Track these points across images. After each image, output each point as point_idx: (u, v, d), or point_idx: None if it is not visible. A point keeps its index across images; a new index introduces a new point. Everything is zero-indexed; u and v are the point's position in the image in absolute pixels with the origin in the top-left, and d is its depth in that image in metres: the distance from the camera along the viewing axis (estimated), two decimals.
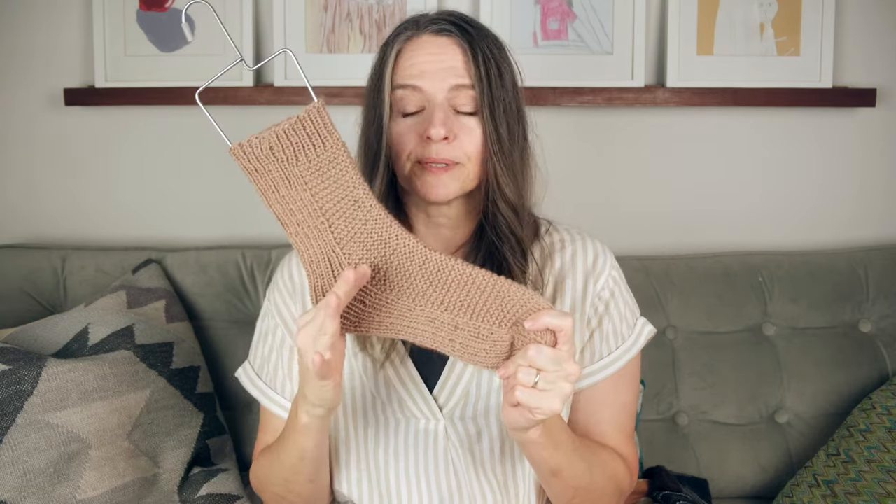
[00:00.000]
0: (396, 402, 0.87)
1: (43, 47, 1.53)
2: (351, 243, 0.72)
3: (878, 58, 1.50)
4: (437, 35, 0.84)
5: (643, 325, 0.93)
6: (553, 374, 0.66)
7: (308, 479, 0.85)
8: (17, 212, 1.58)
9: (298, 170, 0.70)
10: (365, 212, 0.71)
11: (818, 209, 1.55)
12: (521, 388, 0.67)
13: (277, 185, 0.71)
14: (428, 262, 0.71)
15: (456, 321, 0.71)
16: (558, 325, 0.67)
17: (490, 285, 0.70)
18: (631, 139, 1.53)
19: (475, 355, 0.71)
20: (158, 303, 1.31)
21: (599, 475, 0.84)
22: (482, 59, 0.82)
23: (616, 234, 1.01)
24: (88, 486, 1.05)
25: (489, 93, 0.82)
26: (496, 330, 0.70)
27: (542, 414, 0.67)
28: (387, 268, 0.72)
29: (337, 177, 0.70)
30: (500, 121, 0.83)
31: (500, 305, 0.70)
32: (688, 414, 1.36)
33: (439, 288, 0.71)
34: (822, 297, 1.39)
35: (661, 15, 1.50)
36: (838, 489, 1.19)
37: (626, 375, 0.91)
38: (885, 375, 1.34)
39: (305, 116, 0.69)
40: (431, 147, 0.81)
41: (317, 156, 0.70)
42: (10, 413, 1.02)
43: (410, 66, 0.83)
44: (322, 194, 0.71)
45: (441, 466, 0.87)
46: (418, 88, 0.83)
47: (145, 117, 1.54)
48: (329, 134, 0.69)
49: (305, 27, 1.49)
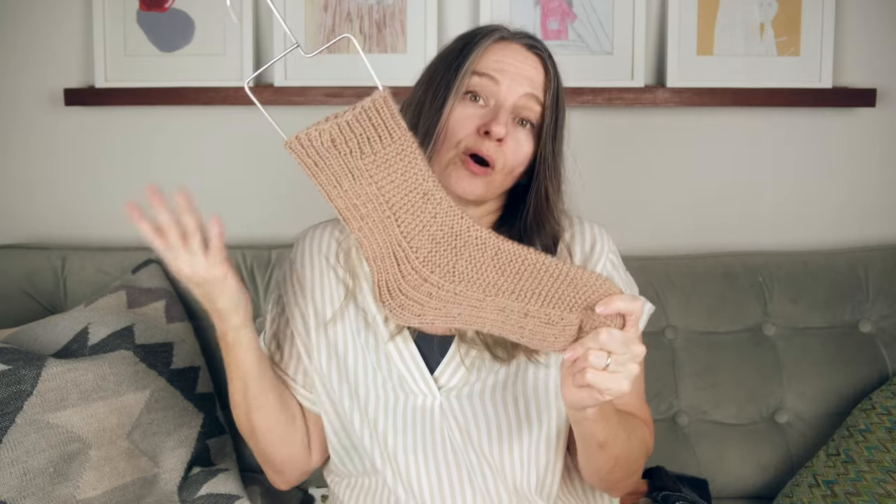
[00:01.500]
0: (397, 376, 0.90)
1: (43, 47, 1.53)
2: (419, 237, 0.70)
3: (878, 58, 1.50)
4: (528, 49, 0.88)
5: (643, 302, 0.96)
6: (623, 357, 0.69)
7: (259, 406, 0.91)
8: (17, 212, 1.58)
9: (363, 162, 0.66)
10: (435, 204, 0.69)
11: (818, 209, 1.55)
12: (592, 370, 0.68)
13: (340, 180, 0.67)
14: (500, 253, 0.70)
15: (527, 308, 0.70)
16: (629, 308, 0.69)
17: (563, 273, 0.69)
18: (631, 139, 1.53)
19: (544, 340, 0.71)
20: (158, 303, 1.31)
21: (636, 441, 0.88)
22: (556, 86, 0.88)
23: (616, 234, 1.01)
24: (88, 486, 1.05)
25: (554, 119, 0.87)
26: (566, 315, 0.70)
27: (610, 394, 0.70)
28: (456, 260, 0.70)
29: (405, 169, 0.67)
30: (557, 147, 0.89)
31: (573, 292, 0.70)
32: (688, 414, 1.36)
33: (512, 277, 0.70)
34: (822, 297, 1.39)
35: (661, 15, 1.50)
36: (838, 489, 1.19)
37: None
38: (885, 375, 1.34)
39: (371, 106, 0.65)
40: (484, 142, 0.84)
41: (383, 148, 0.66)
42: (9, 413, 1.02)
43: (496, 61, 0.86)
44: (388, 188, 0.68)
45: (438, 442, 0.89)
46: (497, 80, 0.85)
47: (145, 117, 1.54)
48: (396, 125, 0.66)
49: (305, 27, 1.49)
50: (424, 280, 0.70)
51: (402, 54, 1.49)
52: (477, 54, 0.85)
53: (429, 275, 0.70)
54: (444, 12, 1.50)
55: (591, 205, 1.53)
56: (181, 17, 1.50)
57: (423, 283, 0.70)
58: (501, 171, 0.86)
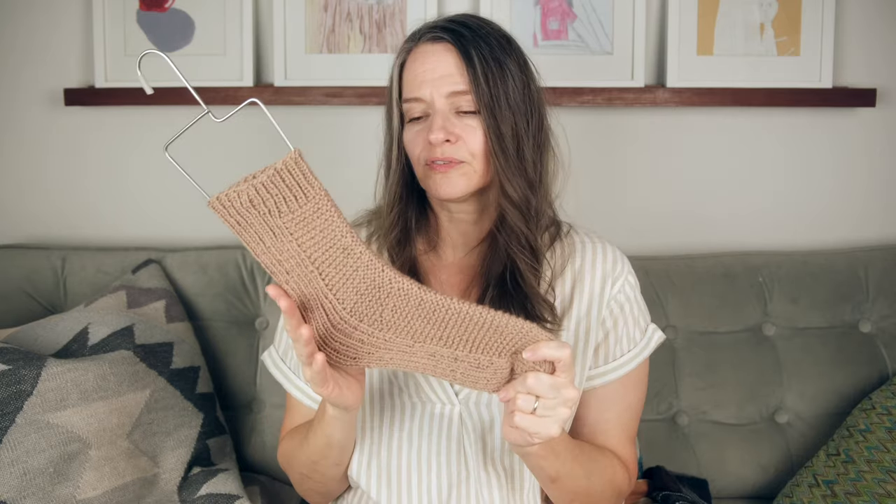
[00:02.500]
0: (413, 386, 0.89)
1: (43, 47, 1.53)
2: (344, 289, 0.71)
3: (878, 58, 1.50)
4: (433, 43, 0.86)
5: (654, 331, 0.96)
6: (552, 401, 0.68)
7: (335, 463, 0.89)
8: (17, 212, 1.58)
9: (282, 221, 0.68)
10: (355, 258, 0.70)
11: (818, 209, 1.55)
12: (519, 413, 0.69)
13: (262, 237, 0.69)
14: (424, 303, 0.71)
15: (455, 354, 0.71)
16: (556, 356, 0.68)
17: (488, 320, 0.70)
18: (631, 139, 1.53)
19: (476, 383, 0.72)
20: (158, 303, 1.31)
21: (598, 480, 0.86)
22: (477, 59, 0.83)
23: (616, 234, 1.02)
24: (88, 486, 1.05)
25: (487, 92, 0.83)
26: (496, 360, 0.71)
27: (539, 438, 0.70)
28: (381, 310, 0.72)
29: (323, 226, 0.69)
30: (501, 118, 0.84)
31: (499, 338, 0.70)
32: (688, 414, 1.36)
33: (437, 325, 0.71)
34: (822, 297, 1.39)
35: (661, 15, 1.50)
36: (838, 489, 1.19)
37: (634, 379, 0.93)
38: (885, 375, 1.34)
39: (283, 168, 0.66)
40: (436, 149, 0.84)
41: (299, 207, 0.68)
42: (9, 413, 1.02)
43: (412, 80, 0.86)
44: (309, 244, 0.69)
45: (453, 453, 0.89)
46: (420, 99, 0.86)
47: (145, 117, 1.54)
48: (310, 184, 0.67)
49: (305, 27, 1.49)
50: (354, 328, 0.72)
51: None
52: (397, 83, 0.88)
53: (357, 323, 0.72)
54: (444, 12, 1.50)
55: (592, 205, 1.54)
56: (181, 17, 1.50)
57: (354, 331, 0.72)
58: (474, 158, 0.85)
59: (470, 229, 0.93)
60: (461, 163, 0.85)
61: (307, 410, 0.96)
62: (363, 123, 1.50)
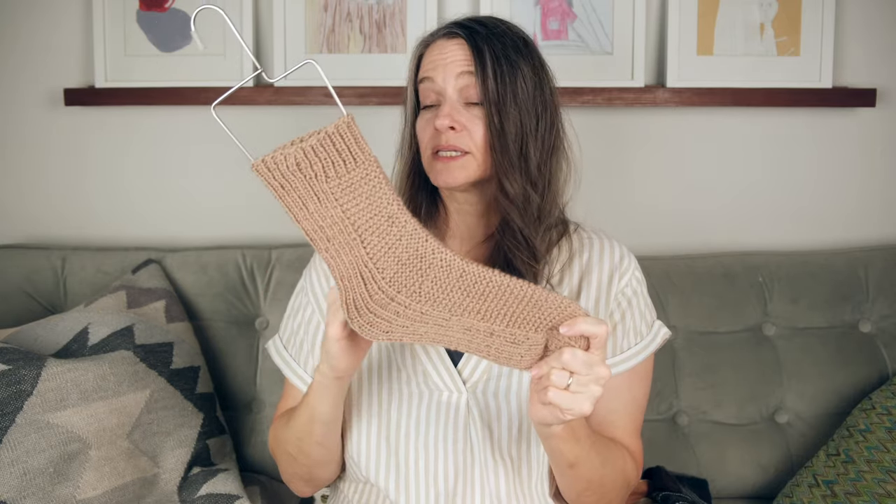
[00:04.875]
0: (422, 373, 0.90)
1: (43, 47, 1.53)
2: (385, 258, 0.71)
3: (878, 58, 1.50)
4: (448, 39, 0.89)
5: (659, 326, 0.97)
6: (585, 378, 0.69)
7: (318, 442, 0.89)
8: (17, 212, 1.58)
9: (328, 186, 0.68)
10: (399, 227, 0.70)
11: (818, 209, 1.55)
12: (553, 389, 0.69)
13: (306, 202, 0.69)
14: (466, 275, 0.71)
15: (492, 328, 0.71)
16: (593, 331, 0.69)
17: (528, 294, 0.70)
18: (631, 139, 1.53)
19: (510, 358, 0.72)
20: (158, 303, 1.31)
21: (611, 469, 0.87)
22: (488, 54, 0.86)
23: (616, 234, 1.02)
24: (88, 486, 1.05)
25: (494, 87, 0.85)
26: (532, 335, 0.71)
27: (572, 415, 0.70)
28: (421, 281, 0.72)
29: (369, 193, 0.69)
30: (506, 115, 0.85)
31: (537, 313, 0.70)
32: (688, 414, 1.36)
33: (476, 298, 0.71)
34: (822, 297, 1.39)
35: (661, 15, 1.50)
36: (838, 489, 1.19)
37: (640, 372, 0.94)
38: (885, 375, 1.34)
39: (335, 132, 0.67)
40: (442, 136, 0.87)
41: (347, 172, 0.68)
42: (9, 413, 1.02)
43: (426, 63, 0.91)
44: (354, 210, 0.69)
45: (459, 440, 0.89)
46: (433, 78, 0.89)
47: (145, 117, 1.54)
48: (360, 150, 0.68)
49: (305, 27, 1.49)
50: (391, 299, 0.71)
51: (402, 54, 1.49)
52: (414, 68, 0.93)
53: (395, 294, 0.72)
54: (444, 12, 1.50)
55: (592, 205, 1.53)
56: (181, 17, 1.50)
57: (391, 303, 0.71)
58: (477, 149, 0.87)
59: (475, 222, 0.95)
60: (465, 154, 0.87)
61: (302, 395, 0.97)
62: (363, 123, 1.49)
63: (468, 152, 0.87)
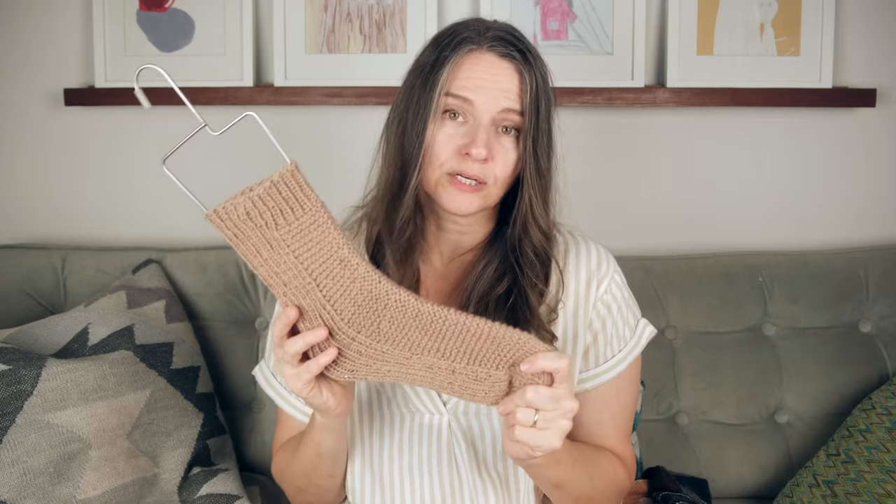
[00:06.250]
0: (401, 396, 0.89)
1: (43, 47, 1.53)
2: (341, 300, 0.71)
3: (878, 58, 1.50)
4: (501, 58, 0.82)
5: (644, 326, 0.94)
6: (552, 413, 0.68)
7: (328, 475, 0.89)
8: (17, 212, 1.58)
9: (279, 233, 0.69)
10: (352, 270, 0.70)
11: (818, 209, 1.55)
12: (520, 427, 0.68)
13: (259, 250, 0.70)
14: (421, 314, 0.71)
15: (453, 366, 0.71)
16: (554, 367, 0.67)
17: (485, 331, 0.70)
18: (631, 139, 1.53)
19: (474, 395, 0.72)
20: (158, 303, 1.31)
21: (600, 481, 0.86)
22: (535, 88, 0.83)
23: (616, 233, 1.02)
24: (88, 486, 1.05)
25: (535, 124, 0.83)
26: (493, 372, 0.70)
27: (541, 451, 0.69)
28: (379, 321, 0.72)
29: (319, 239, 0.69)
30: (541, 152, 0.84)
31: (497, 350, 0.70)
32: (688, 414, 1.36)
33: (434, 337, 0.71)
34: (822, 297, 1.39)
35: (661, 15, 1.50)
36: (838, 489, 1.19)
37: (627, 377, 0.92)
38: (885, 375, 1.34)
39: (279, 180, 0.67)
40: (467, 163, 0.82)
41: (296, 219, 0.68)
42: (9, 413, 1.02)
43: (467, 79, 0.82)
44: (306, 256, 0.70)
45: (444, 462, 0.88)
46: (470, 101, 0.82)
47: (145, 117, 1.54)
48: (306, 197, 0.68)
49: (305, 27, 1.49)
50: (352, 339, 0.72)
51: (402, 54, 1.49)
52: (448, 71, 0.82)
53: (355, 335, 0.72)
54: (444, 12, 1.50)
55: (592, 205, 1.54)
56: (181, 17, 1.50)
57: (352, 342, 0.72)
58: (495, 183, 0.84)
59: (457, 238, 0.92)
60: (485, 185, 0.83)
61: (299, 424, 0.95)
62: (363, 123, 1.50)
63: (486, 183, 0.83)
